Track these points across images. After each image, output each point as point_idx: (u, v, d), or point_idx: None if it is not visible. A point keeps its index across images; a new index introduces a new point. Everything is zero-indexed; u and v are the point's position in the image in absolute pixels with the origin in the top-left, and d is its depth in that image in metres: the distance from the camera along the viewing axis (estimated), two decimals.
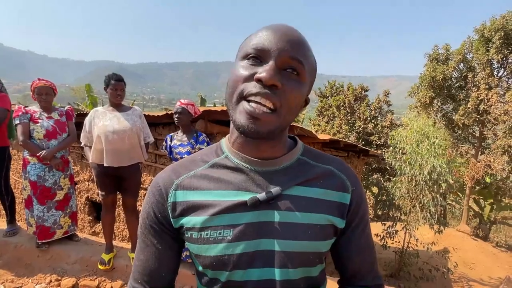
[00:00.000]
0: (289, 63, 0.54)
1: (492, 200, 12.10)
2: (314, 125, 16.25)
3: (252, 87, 0.52)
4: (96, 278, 2.79)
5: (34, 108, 2.89)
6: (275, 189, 0.58)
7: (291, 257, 0.58)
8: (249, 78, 0.53)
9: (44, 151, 2.73)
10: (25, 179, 2.93)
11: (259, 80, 0.52)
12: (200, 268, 0.61)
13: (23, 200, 3.05)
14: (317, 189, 0.62)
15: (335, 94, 16.02)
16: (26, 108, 2.85)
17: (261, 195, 0.57)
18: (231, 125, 0.62)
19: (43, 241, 2.94)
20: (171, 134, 2.81)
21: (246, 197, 0.58)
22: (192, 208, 0.59)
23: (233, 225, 0.57)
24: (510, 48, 10.53)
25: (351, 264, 0.68)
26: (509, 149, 10.33)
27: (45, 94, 2.83)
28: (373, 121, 14.47)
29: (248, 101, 0.53)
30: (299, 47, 0.55)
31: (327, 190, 0.63)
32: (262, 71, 0.51)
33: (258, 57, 0.54)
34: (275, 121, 0.54)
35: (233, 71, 0.56)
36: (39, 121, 2.81)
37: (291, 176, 0.61)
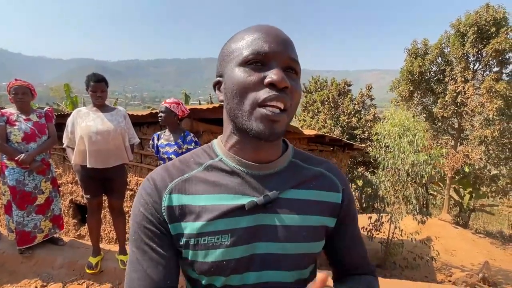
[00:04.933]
0: (289, 64, 0.56)
1: (471, 189, 12.62)
2: (300, 121, 16.41)
3: (266, 93, 0.53)
4: (83, 282, 2.73)
5: (11, 110, 2.77)
6: (272, 193, 0.58)
7: (287, 259, 0.59)
8: (258, 83, 0.53)
9: (23, 155, 2.64)
10: (3, 184, 2.82)
11: (271, 84, 0.53)
12: (195, 275, 0.59)
13: (2, 206, 2.94)
14: (310, 191, 0.64)
15: (319, 89, 16.22)
16: (2, 110, 2.74)
17: (259, 199, 0.57)
18: (228, 129, 0.61)
19: (25, 247, 2.85)
20: (159, 133, 2.77)
21: (242, 201, 0.58)
22: (189, 213, 0.58)
23: (231, 230, 0.57)
24: (484, 43, 10.92)
25: (346, 258, 0.72)
26: (485, 139, 10.77)
27: (21, 94, 2.73)
28: (356, 115, 14.75)
29: (264, 106, 0.53)
30: (292, 47, 0.57)
31: (320, 191, 0.64)
32: (272, 75, 0.52)
33: (258, 61, 0.54)
34: (286, 120, 0.56)
35: (233, 78, 0.55)
36: (17, 123, 2.71)
37: (285, 179, 0.62)
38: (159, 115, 2.65)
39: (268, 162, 0.61)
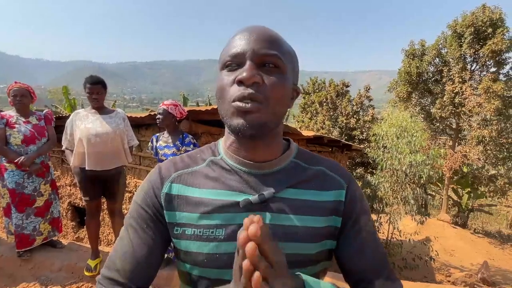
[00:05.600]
0: (265, 59, 0.55)
1: (469, 189, 12.64)
2: (298, 122, 16.43)
3: (236, 91, 0.54)
4: (82, 285, 2.72)
5: (10, 112, 2.78)
6: (267, 192, 0.59)
7: None
8: (231, 83, 0.56)
9: (23, 157, 2.63)
10: (3, 187, 2.81)
11: (240, 82, 0.54)
12: (188, 266, 0.61)
13: (1, 209, 2.93)
14: (309, 191, 0.63)
15: (317, 91, 16.23)
16: (1, 113, 2.74)
17: (254, 198, 0.59)
18: (226, 130, 0.64)
19: (23, 249, 2.84)
20: (157, 134, 2.77)
21: (239, 198, 0.59)
22: (186, 204, 0.60)
23: (226, 225, 0.58)
24: (480, 43, 10.99)
25: (353, 265, 0.63)
26: (483, 139, 10.82)
27: (20, 96, 2.73)
28: (355, 116, 14.76)
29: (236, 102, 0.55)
30: (272, 42, 0.56)
31: (319, 191, 0.64)
32: (241, 72, 0.54)
33: (235, 63, 0.56)
34: (265, 111, 0.55)
35: (217, 82, 0.59)
36: (16, 126, 2.71)
37: (284, 179, 0.62)
38: (157, 117, 2.65)
39: (266, 162, 0.62)
